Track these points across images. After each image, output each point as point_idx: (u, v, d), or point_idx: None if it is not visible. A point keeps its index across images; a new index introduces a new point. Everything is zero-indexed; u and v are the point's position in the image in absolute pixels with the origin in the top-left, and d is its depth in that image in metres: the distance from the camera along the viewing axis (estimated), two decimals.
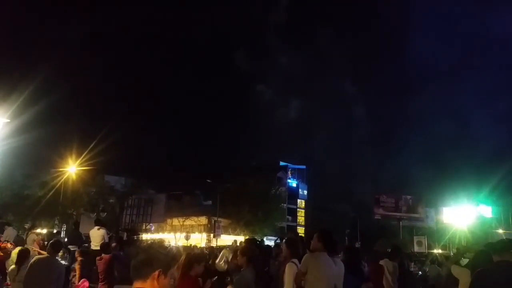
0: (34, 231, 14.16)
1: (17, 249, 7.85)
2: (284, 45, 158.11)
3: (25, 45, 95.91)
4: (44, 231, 26.23)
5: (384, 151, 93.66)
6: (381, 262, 9.31)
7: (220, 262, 10.36)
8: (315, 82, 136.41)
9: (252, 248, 6.88)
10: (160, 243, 2.87)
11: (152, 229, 48.69)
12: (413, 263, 19.55)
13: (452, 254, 23.90)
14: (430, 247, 37.79)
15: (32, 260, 6.49)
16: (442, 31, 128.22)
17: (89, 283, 9.59)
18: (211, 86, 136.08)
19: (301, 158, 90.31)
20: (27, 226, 28.10)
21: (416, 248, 35.41)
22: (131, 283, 2.76)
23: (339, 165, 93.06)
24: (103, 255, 9.42)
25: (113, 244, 11.02)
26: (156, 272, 2.62)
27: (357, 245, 38.97)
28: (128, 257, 9.42)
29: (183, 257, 5.88)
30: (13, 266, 7.13)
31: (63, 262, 8.95)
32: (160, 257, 2.67)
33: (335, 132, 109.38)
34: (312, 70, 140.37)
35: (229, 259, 9.09)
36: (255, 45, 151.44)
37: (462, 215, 42.51)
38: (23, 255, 7.27)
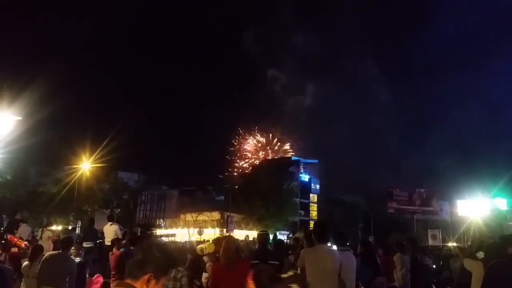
0: (49, 228, 14.31)
1: None
2: (297, 23, 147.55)
3: (40, 44, 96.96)
4: (60, 227, 26.52)
5: (401, 141, 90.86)
6: (394, 257, 9.27)
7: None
8: (331, 64, 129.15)
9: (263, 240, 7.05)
10: (163, 244, 2.63)
11: (162, 225, 48.92)
12: (427, 257, 19.37)
13: (466, 245, 23.63)
14: (444, 240, 37.46)
15: (44, 257, 6.55)
16: (472, 4, 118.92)
17: (103, 278, 9.66)
18: (219, 74, 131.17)
19: (315, 147, 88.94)
20: (45, 221, 28.44)
21: (431, 242, 35.17)
22: None
23: (354, 155, 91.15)
24: (114, 250, 9.48)
25: (123, 241, 11.06)
26: (146, 276, 2.42)
27: (371, 239, 38.78)
28: None
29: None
30: (26, 263, 7.20)
31: (77, 259, 9.01)
32: (155, 260, 2.46)
33: (351, 119, 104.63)
34: (328, 50, 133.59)
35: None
36: (265, 24, 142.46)
37: (477, 208, 42.02)
38: (36, 251, 7.34)
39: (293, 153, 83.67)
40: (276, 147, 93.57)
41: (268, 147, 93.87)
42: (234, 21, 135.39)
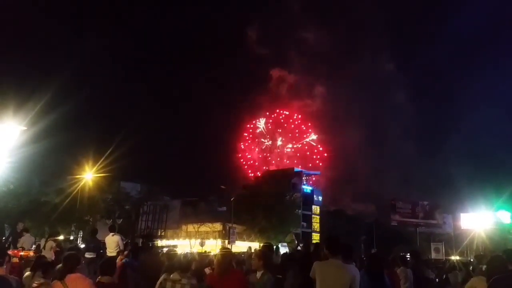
0: (53, 238, 14.28)
1: None
2: (305, 18, 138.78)
3: (42, 53, 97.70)
4: (61, 237, 26.47)
5: (408, 151, 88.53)
6: (398, 271, 9.24)
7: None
8: (342, 63, 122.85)
9: (268, 253, 7.06)
10: None
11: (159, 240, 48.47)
12: (430, 270, 19.25)
13: (470, 260, 23.48)
14: (447, 253, 37.32)
15: None
16: (496, 3, 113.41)
17: None
18: (220, 75, 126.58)
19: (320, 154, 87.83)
20: (46, 231, 28.42)
21: (434, 255, 35.08)
22: None
23: (359, 163, 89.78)
24: (117, 261, 9.49)
25: (125, 252, 11.08)
26: None
27: (373, 252, 38.63)
28: (142, 263, 9.45)
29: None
30: (28, 273, 7.20)
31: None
32: None
33: (359, 124, 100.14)
34: (339, 48, 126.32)
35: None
36: (270, 19, 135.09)
37: (480, 221, 41.86)
38: (40, 262, 7.35)
39: (297, 165, 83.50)
40: (279, 155, 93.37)
41: (268, 156, 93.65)
42: (236, 16, 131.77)
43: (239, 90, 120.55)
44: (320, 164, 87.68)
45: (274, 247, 20.43)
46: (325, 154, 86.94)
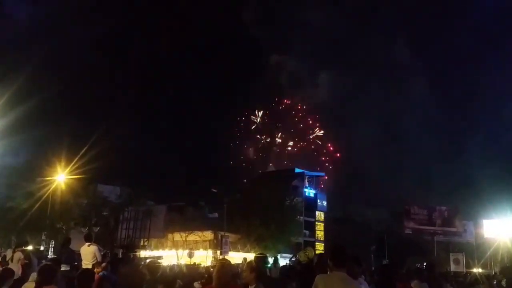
0: (21, 248, 14.23)
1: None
2: None
3: (8, 41, 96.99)
4: (30, 248, 26.46)
5: (427, 148, 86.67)
6: (412, 284, 9.30)
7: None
8: (351, 49, 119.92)
9: (261, 265, 7.07)
10: None
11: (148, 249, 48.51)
12: (449, 284, 19.38)
13: (494, 273, 23.65)
14: (468, 265, 37.49)
15: None
16: None
17: None
18: (213, 62, 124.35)
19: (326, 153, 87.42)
20: (13, 240, 28.39)
21: (453, 267, 35.21)
22: None
23: (369, 163, 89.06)
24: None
25: (103, 264, 11.08)
26: None
27: (385, 263, 38.84)
28: (122, 277, 9.47)
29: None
30: None
31: None
32: None
33: (370, 119, 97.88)
34: (347, 32, 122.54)
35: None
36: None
37: (506, 229, 42.01)
38: (5, 275, 7.34)
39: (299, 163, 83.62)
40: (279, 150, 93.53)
41: (265, 155, 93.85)
42: None
43: (233, 79, 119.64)
44: (331, 167, 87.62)
45: (272, 258, 20.54)
46: (338, 154, 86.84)
